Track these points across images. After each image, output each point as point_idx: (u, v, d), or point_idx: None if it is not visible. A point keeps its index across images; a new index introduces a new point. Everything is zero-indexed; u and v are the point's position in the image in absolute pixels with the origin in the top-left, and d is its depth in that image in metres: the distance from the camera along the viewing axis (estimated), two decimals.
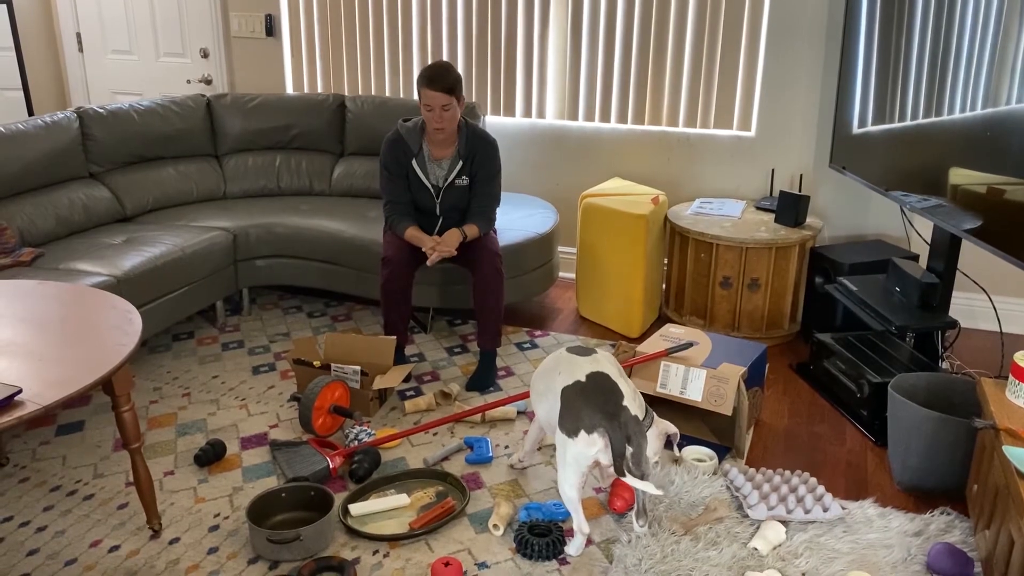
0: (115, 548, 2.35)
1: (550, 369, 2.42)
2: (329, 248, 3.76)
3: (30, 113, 5.09)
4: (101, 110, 3.94)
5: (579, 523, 2.31)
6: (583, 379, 2.27)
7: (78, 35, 5.12)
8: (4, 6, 4.87)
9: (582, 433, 2.19)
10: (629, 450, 2.17)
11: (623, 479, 2.17)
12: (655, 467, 2.68)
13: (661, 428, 2.46)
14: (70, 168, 3.80)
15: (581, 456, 2.21)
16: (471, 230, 3.31)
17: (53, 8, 5.14)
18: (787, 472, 2.63)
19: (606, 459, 2.20)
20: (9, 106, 5.01)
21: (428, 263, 3.21)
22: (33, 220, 3.53)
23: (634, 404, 2.26)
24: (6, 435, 2.92)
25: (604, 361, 2.35)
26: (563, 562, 2.31)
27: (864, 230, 3.98)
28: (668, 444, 2.47)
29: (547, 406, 2.38)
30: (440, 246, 3.21)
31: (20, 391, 1.92)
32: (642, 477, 2.20)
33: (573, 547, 2.32)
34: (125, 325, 2.30)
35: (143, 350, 3.63)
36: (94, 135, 3.89)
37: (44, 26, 5.16)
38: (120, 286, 3.16)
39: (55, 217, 3.61)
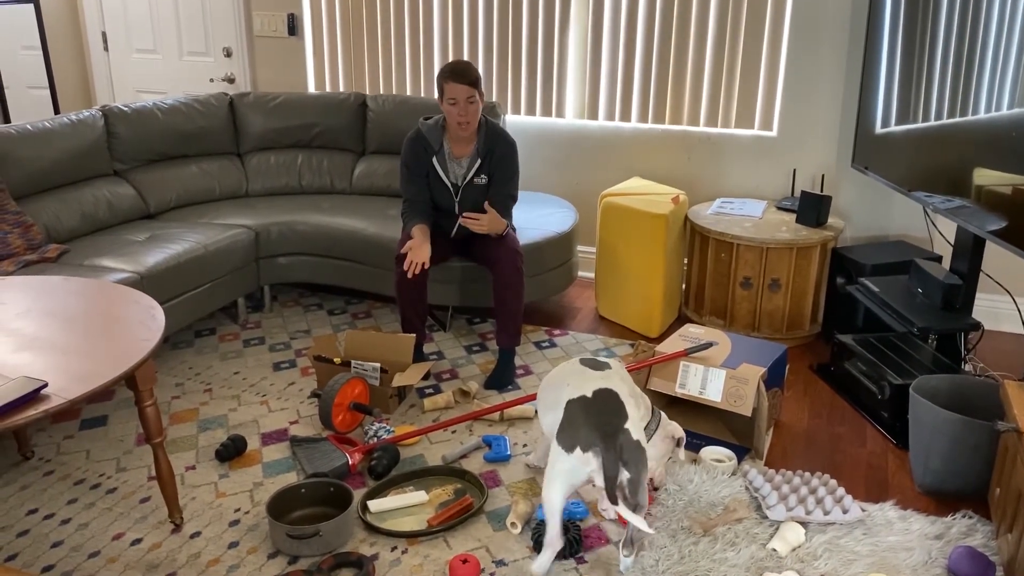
0: (137, 541, 2.38)
1: (559, 381, 2.30)
2: (350, 246, 3.78)
3: (56, 111, 5.15)
4: (126, 108, 3.99)
5: (551, 536, 2.18)
6: (589, 395, 2.17)
7: (103, 34, 5.18)
8: (31, 6, 4.94)
9: (577, 450, 2.08)
10: (626, 475, 2.05)
11: (615, 506, 2.04)
12: (673, 463, 2.68)
13: (668, 431, 2.44)
14: (95, 166, 3.85)
15: (574, 472, 2.10)
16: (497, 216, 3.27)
17: (79, 7, 5.21)
18: (807, 473, 2.62)
19: (600, 481, 2.08)
20: (36, 104, 5.08)
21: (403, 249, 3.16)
22: (59, 217, 3.58)
23: (637, 428, 2.14)
24: (31, 429, 2.96)
25: (616, 378, 2.24)
26: (580, 561, 2.31)
27: (886, 231, 3.95)
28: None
29: (552, 419, 2.25)
30: (414, 254, 3.14)
31: (46, 385, 1.95)
32: (636, 507, 2.08)
33: (538, 564, 2.19)
34: (148, 321, 2.33)
35: (166, 346, 3.66)
36: (119, 133, 3.93)
37: (70, 25, 5.23)
38: (144, 282, 3.20)
39: (80, 214, 3.66)
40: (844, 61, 3.81)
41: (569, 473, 2.11)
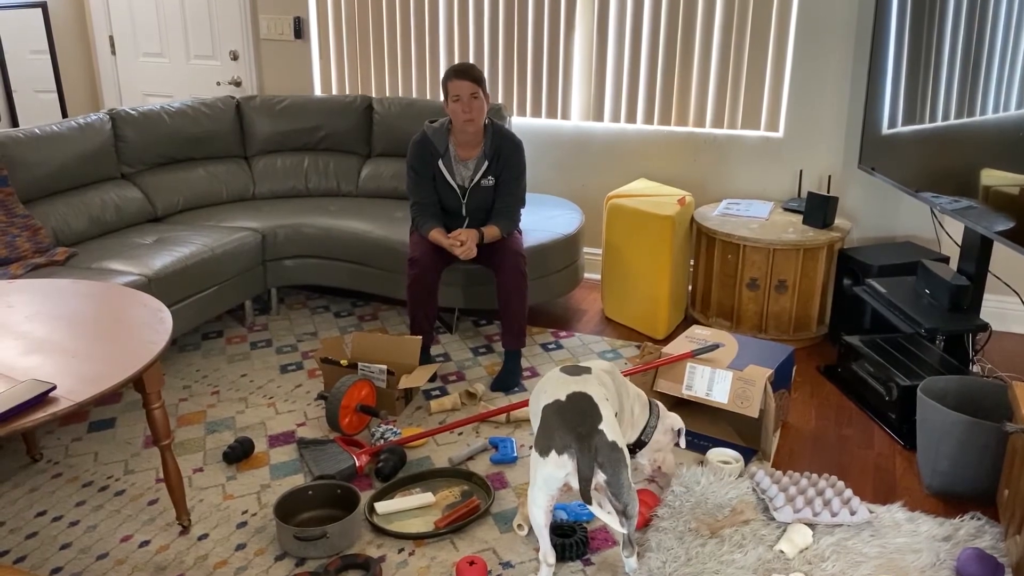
0: (145, 543, 2.39)
1: (539, 389, 2.30)
2: (356, 248, 3.79)
3: (64, 115, 5.18)
4: (133, 112, 4.00)
5: (544, 552, 2.16)
6: (563, 398, 2.14)
7: (111, 38, 5.20)
8: (39, 10, 4.96)
9: (552, 453, 2.05)
10: (602, 476, 2.03)
11: (589, 507, 2.03)
12: (679, 466, 2.68)
13: (667, 423, 2.45)
14: (103, 169, 3.86)
15: (551, 478, 2.07)
16: (491, 231, 3.32)
17: (87, 12, 5.23)
18: (814, 475, 2.61)
19: (576, 483, 2.06)
20: (44, 108, 5.10)
21: (461, 257, 3.23)
22: (67, 220, 3.59)
23: (613, 429, 2.10)
24: (40, 431, 2.97)
25: (593, 382, 2.21)
26: (587, 562, 2.31)
27: (893, 232, 3.94)
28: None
29: (536, 427, 2.23)
30: (463, 249, 3.22)
31: (54, 387, 1.96)
32: (624, 510, 2.08)
33: None
34: (156, 324, 2.33)
35: (173, 348, 3.67)
36: (126, 136, 3.95)
37: (78, 29, 5.25)
38: (151, 285, 3.21)
39: (88, 217, 3.67)
40: (850, 61, 3.81)
41: (548, 480, 2.08)
